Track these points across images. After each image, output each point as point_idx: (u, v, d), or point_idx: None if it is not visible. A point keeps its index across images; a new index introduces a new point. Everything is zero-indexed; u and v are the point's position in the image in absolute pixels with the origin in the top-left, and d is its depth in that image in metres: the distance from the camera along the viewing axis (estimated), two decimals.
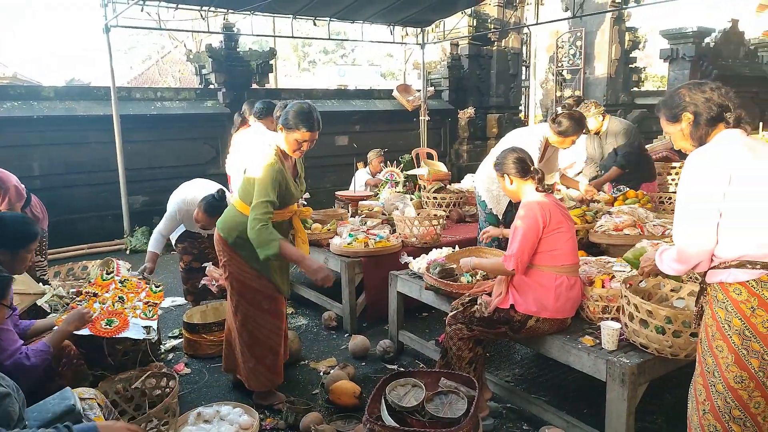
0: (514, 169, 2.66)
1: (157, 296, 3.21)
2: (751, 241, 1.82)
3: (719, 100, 1.91)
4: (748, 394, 1.83)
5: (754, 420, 1.84)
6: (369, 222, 4.63)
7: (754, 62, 10.57)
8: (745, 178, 1.81)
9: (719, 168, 1.83)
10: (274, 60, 8.94)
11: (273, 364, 2.97)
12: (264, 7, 6.55)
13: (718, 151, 1.88)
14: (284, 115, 2.74)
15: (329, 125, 8.38)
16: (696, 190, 1.88)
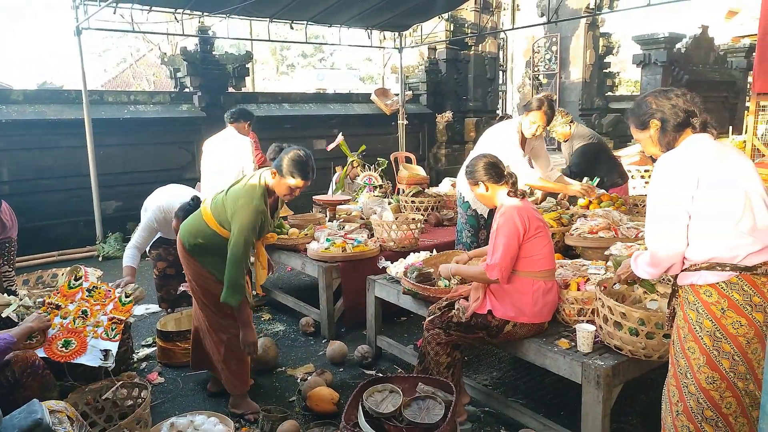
0: (488, 175, 2.66)
1: (124, 309, 3.11)
2: (720, 244, 1.85)
3: (685, 105, 1.94)
4: (719, 395, 1.86)
5: (725, 420, 1.87)
6: (347, 226, 4.61)
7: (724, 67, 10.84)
8: (712, 181, 1.85)
9: (687, 171, 1.87)
10: (251, 63, 8.88)
11: (238, 370, 2.93)
12: (240, 10, 6.49)
13: (686, 154, 1.92)
14: (279, 161, 2.71)
15: (307, 129, 8.44)
16: (665, 194, 1.91)
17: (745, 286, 1.83)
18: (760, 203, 1.85)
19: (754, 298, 1.83)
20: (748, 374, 1.85)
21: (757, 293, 1.83)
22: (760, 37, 6.11)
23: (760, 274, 1.82)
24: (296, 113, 8.44)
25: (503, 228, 2.50)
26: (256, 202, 2.68)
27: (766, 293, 1.81)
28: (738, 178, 1.86)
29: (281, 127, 8.25)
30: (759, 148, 6.51)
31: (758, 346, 1.83)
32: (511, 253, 2.48)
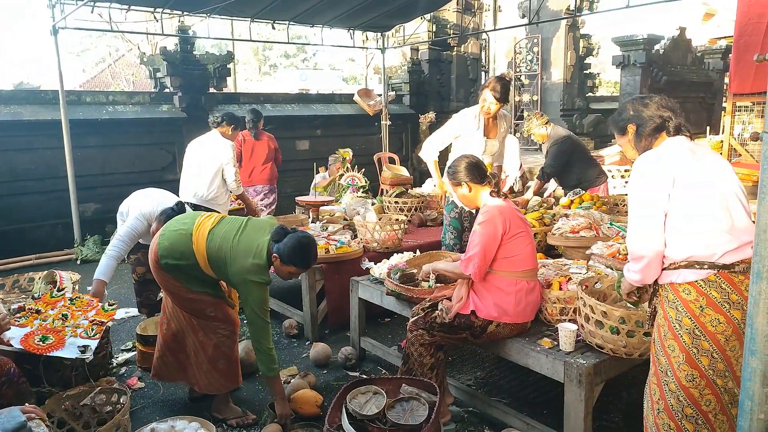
0: (470, 175, 2.66)
1: (107, 315, 3.06)
2: (698, 242, 1.88)
3: (660, 111, 2.01)
4: (699, 392, 1.88)
5: (705, 417, 1.89)
6: (330, 227, 4.59)
7: (701, 68, 11.02)
8: (688, 182, 1.89)
9: (663, 172, 1.91)
10: (232, 64, 8.80)
11: (227, 369, 2.88)
12: (221, 9, 6.43)
13: (661, 156, 1.96)
14: (282, 247, 2.58)
15: (290, 130, 8.39)
16: (642, 196, 1.95)
17: (723, 284, 1.86)
18: (736, 202, 1.89)
19: (731, 296, 1.85)
20: (727, 372, 1.87)
21: (734, 291, 1.85)
22: (736, 39, 6.22)
23: (738, 272, 1.85)
24: (279, 114, 8.38)
25: (483, 227, 2.51)
26: (266, 278, 2.63)
27: (743, 291, 1.84)
28: (714, 179, 1.90)
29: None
30: (736, 148, 6.63)
31: (736, 344, 1.85)
32: (487, 251, 2.49)
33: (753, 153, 6.44)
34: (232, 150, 4.56)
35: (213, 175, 4.52)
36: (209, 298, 2.80)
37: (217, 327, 2.83)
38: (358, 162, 7.06)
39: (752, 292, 1.24)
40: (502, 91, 3.75)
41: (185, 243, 2.68)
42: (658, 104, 2.03)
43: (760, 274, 1.21)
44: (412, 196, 5.39)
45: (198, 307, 2.79)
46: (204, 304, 2.79)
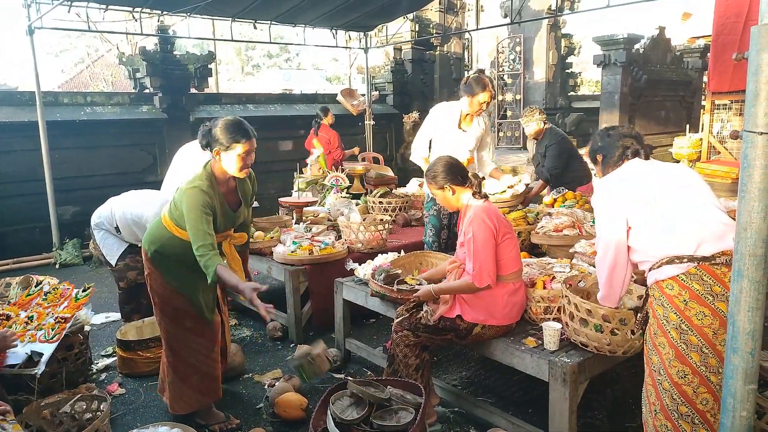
0: (451, 177, 2.62)
1: (77, 305, 2.97)
2: (674, 242, 1.93)
3: (621, 141, 2.21)
4: (693, 390, 1.87)
5: (702, 417, 1.86)
6: (314, 228, 4.55)
7: (680, 67, 11.16)
8: (649, 195, 2.02)
9: (623, 185, 2.10)
10: (214, 64, 8.71)
11: (200, 384, 2.80)
12: (201, 9, 6.35)
13: (622, 174, 2.16)
14: (212, 136, 2.56)
15: (273, 130, 8.33)
16: (605, 215, 2.13)
17: (705, 276, 1.86)
18: (703, 202, 1.99)
19: (714, 288, 1.85)
20: (721, 368, 1.82)
21: (717, 282, 1.85)
22: (714, 38, 6.30)
23: (719, 264, 1.85)
24: (261, 114, 8.32)
25: (478, 234, 2.47)
26: (198, 183, 2.56)
27: (727, 282, 1.82)
28: (676, 186, 2.03)
29: None
30: (714, 146, 6.73)
31: (725, 338, 1.84)
32: (491, 254, 2.47)
33: (732, 150, 6.53)
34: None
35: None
36: (189, 307, 2.74)
37: (192, 341, 2.76)
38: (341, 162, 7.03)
39: (733, 290, 1.25)
40: (471, 87, 3.82)
41: (157, 223, 2.77)
42: (619, 135, 2.23)
43: (741, 272, 1.22)
44: (396, 196, 5.38)
45: (178, 315, 2.74)
46: (183, 313, 2.74)
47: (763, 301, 1.21)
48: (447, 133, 3.89)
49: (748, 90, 1.16)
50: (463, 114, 3.90)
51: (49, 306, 2.91)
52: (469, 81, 3.86)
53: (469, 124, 3.95)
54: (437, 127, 3.92)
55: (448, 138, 3.89)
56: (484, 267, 2.45)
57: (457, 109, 3.92)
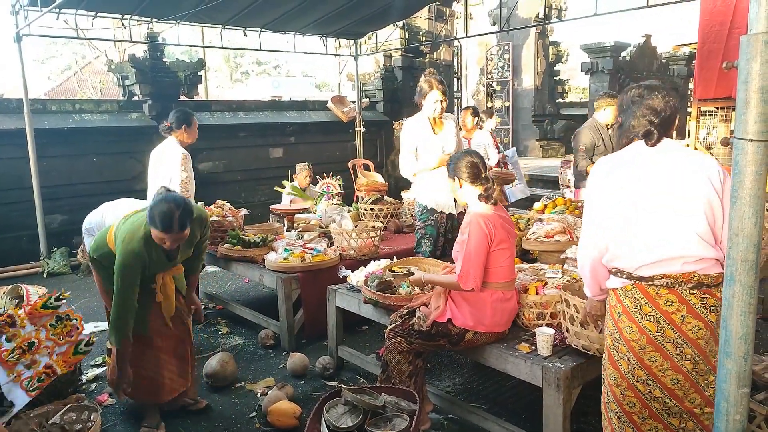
0: (466, 173, 2.62)
1: (72, 360, 2.89)
2: (622, 255, 1.91)
3: (642, 118, 1.92)
4: (620, 392, 1.96)
5: (629, 417, 1.94)
6: (305, 235, 4.54)
7: (666, 75, 11.33)
8: (629, 194, 1.88)
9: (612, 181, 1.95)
10: (203, 71, 8.68)
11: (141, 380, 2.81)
12: (191, 16, 6.34)
13: (616, 163, 1.97)
14: (150, 209, 2.57)
15: (263, 137, 8.32)
16: (589, 200, 2.04)
17: (637, 294, 1.88)
18: (683, 216, 1.82)
19: (644, 308, 1.87)
20: (650, 380, 1.88)
21: (648, 303, 1.86)
22: (699, 46, 6.39)
23: (657, 285, 1.84)
24: (251, 121, 8.30)
25: (473, 237, 2.48)
26: (132, 245, 2.58)
27: (661, 305, 1.84)
28: (663, 191, 1.84)
29: (236, 136, 8.10)
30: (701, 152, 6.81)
31: (656, 355, 1.85)
32: (481, 262, 2.48)
33: (718, 156, 6.61)
34: (182, 158, 4.17)
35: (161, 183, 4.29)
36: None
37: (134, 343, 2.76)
38: (333, 169, 7.03)
39: (726, 295, 1.27)
40: (444, 84, 3.84)
41: (104, 233, 2.86)
42: (646, 107, 1.92)
43: (733, 277, 1.23)
44: (387, 203, 5.38)
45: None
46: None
47: (755, 305, 1.23)
48: (427, 142, 3.91)
49: (739, 98, 1.18)
50: (431, 119, 3.92)
51: (53, 338, 2.84)
52: (418, 85, 3.91)
53: (441, 128, 3.97)
54: (416, 141, 3.93)
55: (430, 147, 3.90)
56: (471, 271, 2.46)
57: (423, 118, 3.94)
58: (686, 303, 1.82)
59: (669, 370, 1.85)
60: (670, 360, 1.84)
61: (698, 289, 1.81)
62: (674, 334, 1.83)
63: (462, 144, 4.24)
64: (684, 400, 1.86)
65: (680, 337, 1.83)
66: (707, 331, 1.81)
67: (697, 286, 1.81)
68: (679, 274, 1.81)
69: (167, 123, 4.29)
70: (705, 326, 1.81)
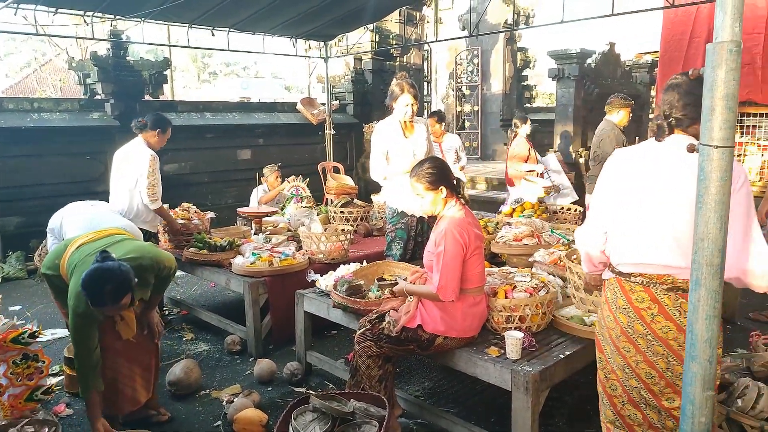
0: (436, 180, 2.56)
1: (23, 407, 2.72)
2: (614, 248, 1.99)
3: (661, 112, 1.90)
4: (605, 375, 2.04)
5: (610, 401, 2.03)
6: (274, 239, 4.47)
7: (629, 81, 11.59)
8: (625, 190, 1.94)
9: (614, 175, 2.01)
10: (169, 70, 8.49)
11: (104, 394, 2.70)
12: (156, 14, 6.18)
13: (624, 157, 2.01)
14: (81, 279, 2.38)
15: (231, 139, 8.18)
16: (596, 190, 2.09)
17: (616, 288, 1.97)
18: (666, 218, 1.83)
19: (619, 300, 1.96)
20: (626, 368, 1.95)
21: (622, 296, 1.94)
22: (662, 54, 6.59)
23: (633, 282, 1.91)
24: (219, 122, 8.15)
25: (449, 249, 2.45)
26: (80, 309, 2.46)
27: (633, 300, 1.91)
28: (653, 190, 1.86)
29: (203, 137, 7.94)
30: None
31: (628, 345, 1.93)
32: (458, 273, 2.47)
33: None
34: (150, 160, 4.11)
35: (131, 188, 4.13)
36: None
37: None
38: (302, 171, 6.96)
39: (691, 299, 1.28)
40: (415, 88, 3.85)
41: (59, 251, 2.72)
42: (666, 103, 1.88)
43: (699, 281, 1.25)
44: (357, 206, 5.35)
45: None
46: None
47: (719, 309, 1.25)
48: (397, 145, 3.90)
49: (704, 105, 1.19)
50: (402, 123, 3.92)
51: (10, 377, 2.66)
52: (390, 89, 3.92)
53: (412, 131, 3.96)
54: (387, 144, 3.92)
55: (400, 150, 3.89)
56: (449, 283, 2.45)
57: (394, 121, 3.93)
58: (658, 303, 1.86)
59: (642, 363, 1.91)
60: (643, 354, 1.90)
61: (673, 292, 1.84)
62: (643, 329, 1.89)
63: (433, 148, 4.24)
64: (661, 398, 1.89)
65: (650, 334, 1.88)
66: (680, 334, 1.83)
67: (672, 289, 1.84)
68: (654, 275, 1.87)
69: (142, 120, 4.24)
70: (677, 329, 1.83)
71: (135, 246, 2.73)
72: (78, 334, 2.52)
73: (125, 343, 2.77)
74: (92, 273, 2.33)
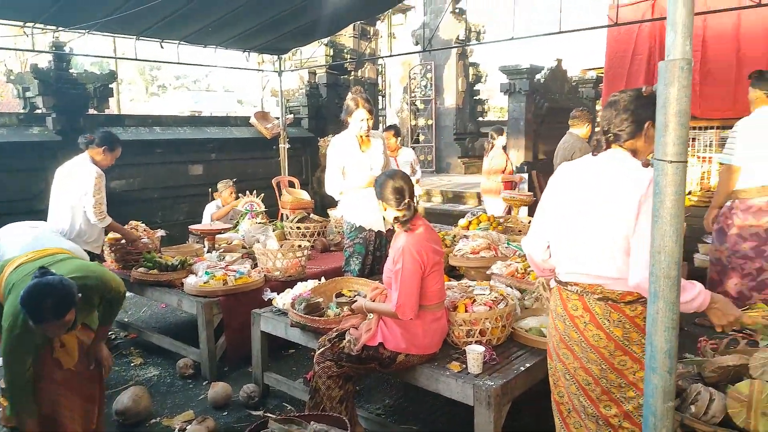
0: (392, 198, 2.53)
1: None
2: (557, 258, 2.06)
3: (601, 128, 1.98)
4: (553, 382, 2.09)
5: (557, 407, 2.08)
6: (228, 257, 4.35)
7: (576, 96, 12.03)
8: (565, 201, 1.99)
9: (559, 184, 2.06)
10: (115, 83, 8.20)
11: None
12: (101, 26, 5.97)
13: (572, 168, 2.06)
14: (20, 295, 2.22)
15: (182, 154, 7.96)
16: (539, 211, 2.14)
17: (557, 296, 2.06)
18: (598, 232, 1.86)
19: (558, 308, 2.04)
20: (567, 375, 2.01)
21: (561, 304, 2.02)
22: (606, 70, 6.86)
23: (570, 291, 1.98)
24: (169, 137, 7.92)
25: (407, 267, 2.42)
26: (15, 331, 2.30)
27: (569, 308, 1.98)
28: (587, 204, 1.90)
29: (152, 152, 7.68)
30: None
31: (568, 353, 1.99)
32: (417, 291, 2.44)
33: None
34: (96, 177, 3.97)
35: (73, 207, 3.96)
36: None
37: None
38: (256, 186, 6.83)
39: (650, 311, 1.30)
40: (370, 103, 3.85)
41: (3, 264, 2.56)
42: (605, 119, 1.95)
43: (657, 293, 1.27)
44: (314, 221, 5.27)
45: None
46: None
47: (677, 320, 1.27)
48: (353, 159, 3.87)
49: (658, 121, 1.22)
50: (358, 137, 3.90)
51: None
52: (345, 103, 3.91)
53: (368, 146, 3.95)
54: (344, 158, 3.89)
55: (357, 164, 3.87)
56: (408, 302, 2.42)
57: (351, 135, 3.91)
58: (590, 312, 1.92)
59: (579, 369, 1.96)
60: (579, 361, 1.96)
61: (603, 302, 1.89)
62: (578, 336, 1.95)
63: (390, 162, 4.24)
64: (599, 404, 1.93)
65: (583, 341, 1.94)
66: (610, 342, 1.88)
67: (602, 299, 1.90)
68: (586, 285, 1.94)
69: (90, 136, 4.13)
70: (607, 338, 1.88)
71: (79, 264, 2.58)
72: (10, 356, 2.33)
73: (66, 372, 2.58)
74: (32, 287, 2.19)
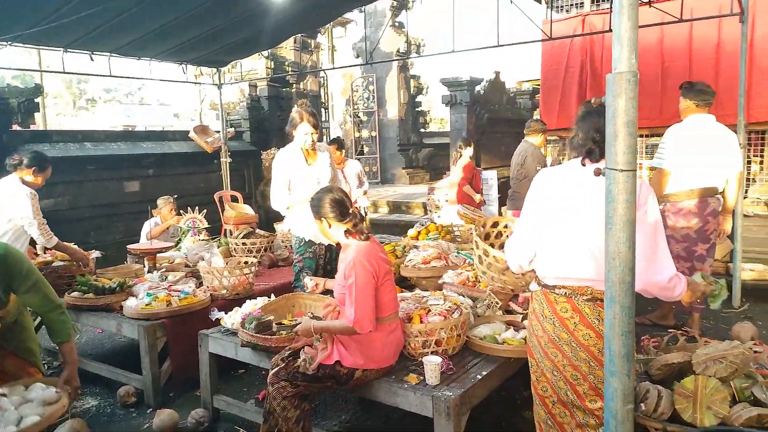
0: (332, 212, 2.53)
1: None
2: (540, 263, 2.11)
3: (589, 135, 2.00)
4: (536, 378, 2.16)
5: (542, 401, 2.16)
6: (171, 276, 4.16)
7: (514, 107, 12.45)
8: (549, 208, 2.05)
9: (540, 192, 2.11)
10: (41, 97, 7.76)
11: None
12: (25, 38, 5.63)
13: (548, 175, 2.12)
14: None
15: (116, 170, 7.60)
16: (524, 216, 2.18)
17: (542, 299, 2.11)
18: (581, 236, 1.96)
19: (545, 311, 2.10)
20: (555, 371, 2.08)
21: (548, 307, 2.08)
22: (543, 82, 7.14)
23: (557, 293, 2.06)
24: (101, 153, 7.55)
25: (360, 278, 2.39)
26: None
27: (557, 310, 2.05)
28: (571, 210, 1.98)
29: (83, 169, 7.28)
30: None
31: (557, 352, 2.06)
32: (372, 302, 2.41)
33: None
34: (31, 198, 3.89)
35: (5, 231, 3.86)
36: None
37: None
38: (197, 202, 6.61)
39: (608, 316, 1.33)
40: (315, 117, 3.81)
41: None
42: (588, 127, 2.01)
43: (614, 298, 1.30)
44: (260, 236, 5.14)
45: None
46: None
47: (633, 324, 1.30)
48: (300, 172, 3.82)
49: (608, 132, 1.26)
50: (303, 150, 3.86)
51: None
52: (290, 116, 3.86)
53: (315, 158, 3.91)
54: (290, 172, 3.83)
55: (304, 177, 3.81)
56: (365, 314, 2.38)
57: (296, 149, 3.86)
58: (580, 312, 2.00)
59: (568, 366, 2.03)
60: (569, 359, 2.03)
61: (592, 302, 1.98)
62: (568, 336, 2.02)
63: (337, 174, 4.20)
64: (585, 399, 2.02)
65: (573, 341, 2.01)
66: (599, 340, 1.97)
67: (591, 300, 1.99)
68: (575, 287, 2.01)
69: (17, 157, 4.01)
70: (596, 336, 1.98)
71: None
72: None
73: None
74: None
